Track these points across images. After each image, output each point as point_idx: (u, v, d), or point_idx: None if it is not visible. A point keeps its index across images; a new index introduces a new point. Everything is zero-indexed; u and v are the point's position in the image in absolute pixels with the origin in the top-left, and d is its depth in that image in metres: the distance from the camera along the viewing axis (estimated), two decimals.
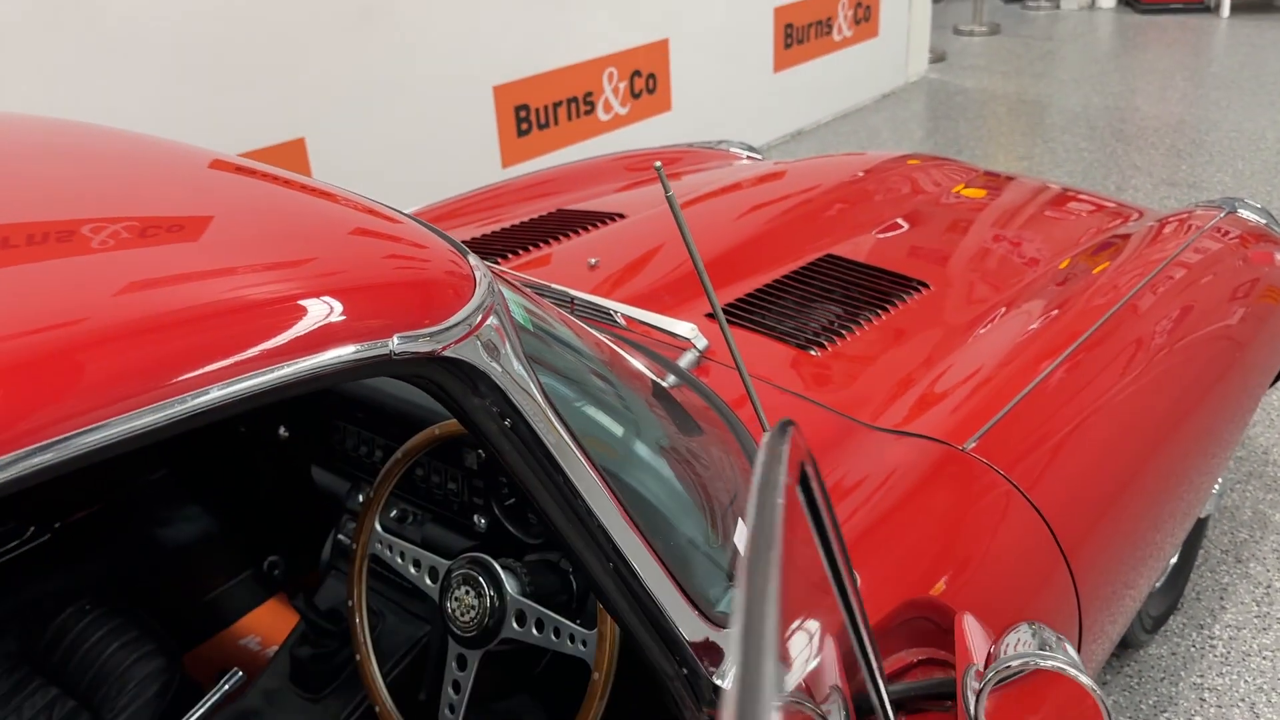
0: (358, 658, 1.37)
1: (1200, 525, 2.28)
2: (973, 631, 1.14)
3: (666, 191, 0.84)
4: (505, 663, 1.52)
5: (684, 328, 1.58)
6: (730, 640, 0.90)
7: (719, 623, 1.03)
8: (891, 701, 1.19)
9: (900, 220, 2.19)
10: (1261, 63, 6.95)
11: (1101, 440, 1.53)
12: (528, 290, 1.06)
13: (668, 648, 0.98)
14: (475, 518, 1.43)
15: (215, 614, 2.04)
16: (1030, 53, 7.70)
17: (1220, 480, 2.15)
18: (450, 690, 1.26)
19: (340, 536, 1.62)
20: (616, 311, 1.65)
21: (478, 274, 0.83)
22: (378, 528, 1.39)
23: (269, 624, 1.97)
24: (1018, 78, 6.96)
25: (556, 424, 0.86)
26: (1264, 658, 2.15)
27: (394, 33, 3.69)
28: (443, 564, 1.30)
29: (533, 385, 0.84)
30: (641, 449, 1.06)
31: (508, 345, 0.82)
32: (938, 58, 7.43)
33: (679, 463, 1.14)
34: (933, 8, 7.39)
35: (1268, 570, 2.38)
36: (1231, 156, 5.10)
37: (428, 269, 0.81)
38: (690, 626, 0.99)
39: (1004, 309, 1.76)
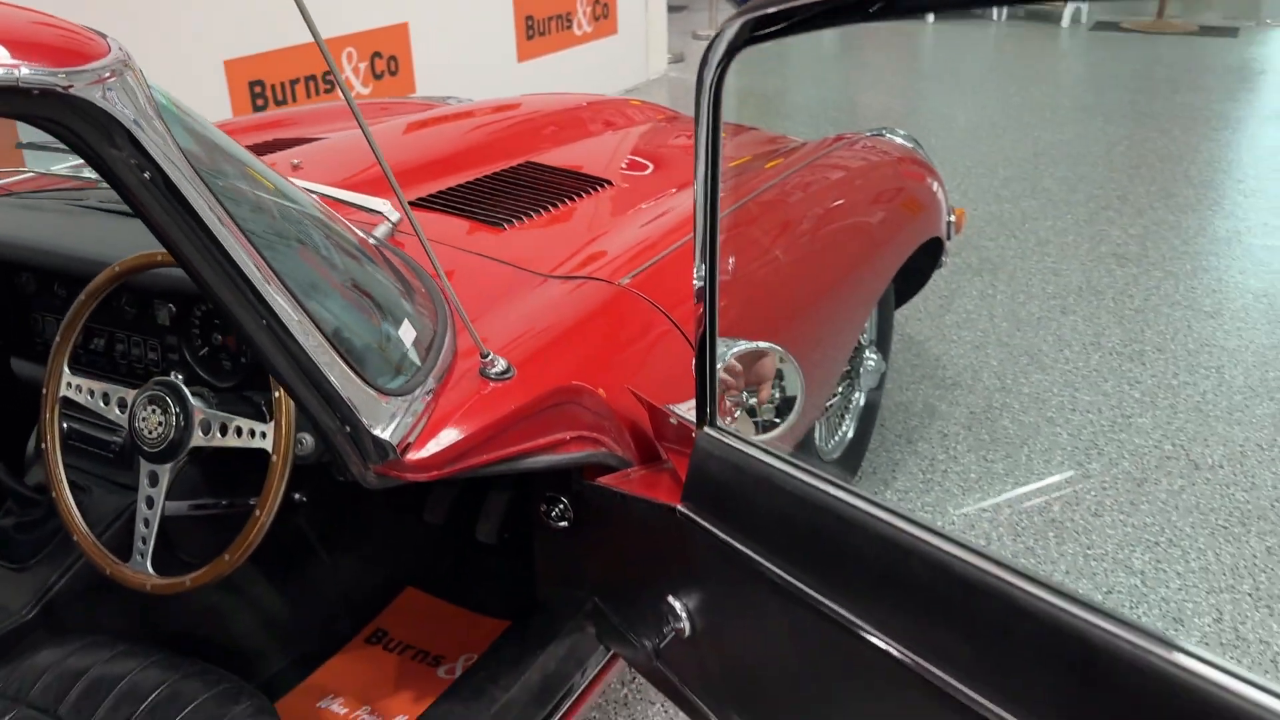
0: (54, 495, 1.41)
1: (870, 410, 2.61)
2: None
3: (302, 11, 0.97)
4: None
5: (377, 203, 1.71)
6: None
7: (384, 391, 1.17)
8: (556, 471, 1.37)
9: (601, 139, 2.42)
10: (959, 61, 7.77)
11: (745, 279, 1.78)
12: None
13: (327, 403, 1.11)
14: (173, 375, 1.50)
15: None
16: (762, 55, 8.23)
17: (877, 358, 2.49)
18: (144, 506, 1.33)
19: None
20: (314, 193, 1.77)
21: (113, 45, 0.94)
22: (65, 369, 1.44)
23: None
24: (749, 76, 7.47)
25: (195, 178, 0.97)
26: (925, 512, 2.49)
27: (116, 1, 3.63)
28: (131, 393, 1.37)
29: (170, 142, 0.95)
30: (296, 241, 1.17)
31: (143, 103, 0.93)
32: (676, 58, 7.87)
33: (341, 270, 1.26)
34: (674, 15, 7.83)
35: (933, 448, 2.75)
36: (925, 135, 5.69)
37: (62, 31, 0.91)
38: (348, 384, 1.11)
39: (674, 191, 2.00)
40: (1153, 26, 8.66)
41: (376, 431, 1.13)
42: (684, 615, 1.18)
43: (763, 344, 1.26)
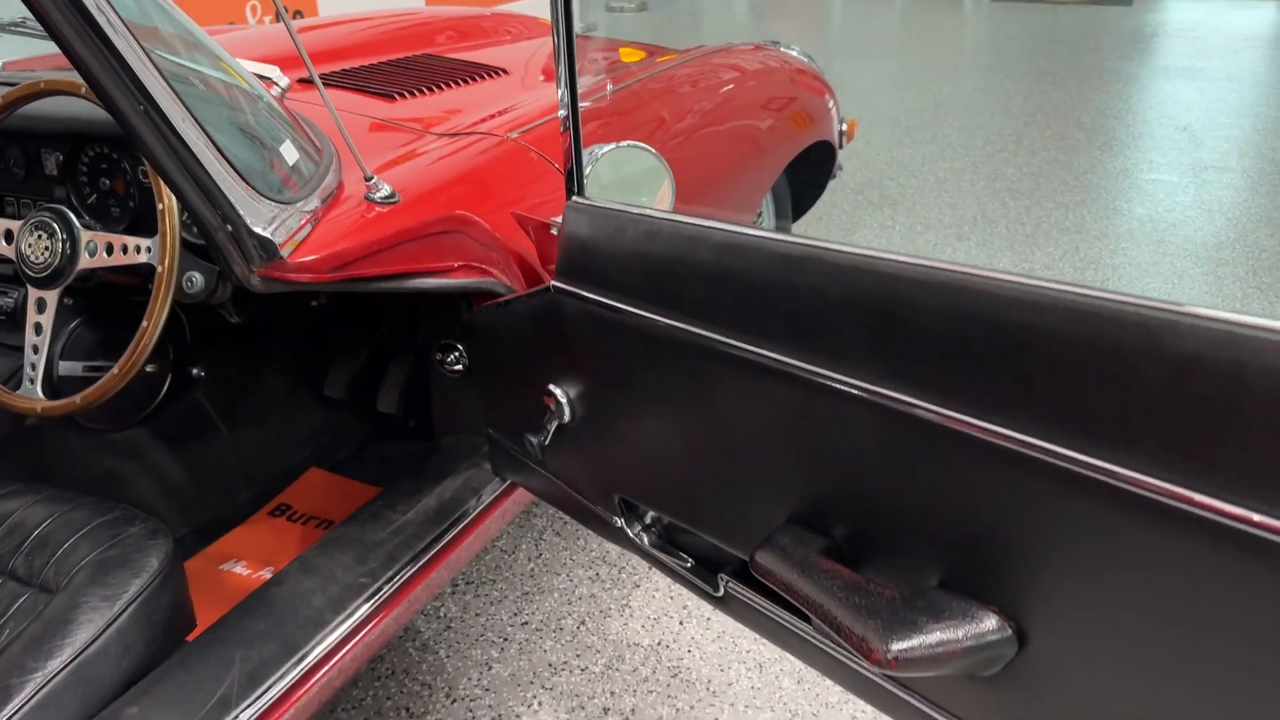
0: None
1: None
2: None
3: None
4: None
5: (268, 69, 1.72)
6: None
7: (265, 196, 1.19)
8: (446, 305, 1.40)
9: (505, 45, 2.46)
10: (865, 28, 7.95)
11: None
12: None
13: (206, 198, 1.13)
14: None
15: None
16: (673, 24, 8.36)
17: None
18: (32, 333, 1.33)
19: None
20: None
21: None
22: None
23: None
24: (660, 44, 7.55)
25: None
26: None
27: None
28: (17, 224, 1.37)
29: None
30: (181, 50, 1.19)
31: None
32: (589, 27, 7.90)
33: (223, 88, 1.28)
34: None
35: None
36: None
37: None
38: (227, 181, 1.13)
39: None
40: None
41: (258, 229, 1.15)
42: (565, 402, 1.23)
43: (630, 141, 1.32)
